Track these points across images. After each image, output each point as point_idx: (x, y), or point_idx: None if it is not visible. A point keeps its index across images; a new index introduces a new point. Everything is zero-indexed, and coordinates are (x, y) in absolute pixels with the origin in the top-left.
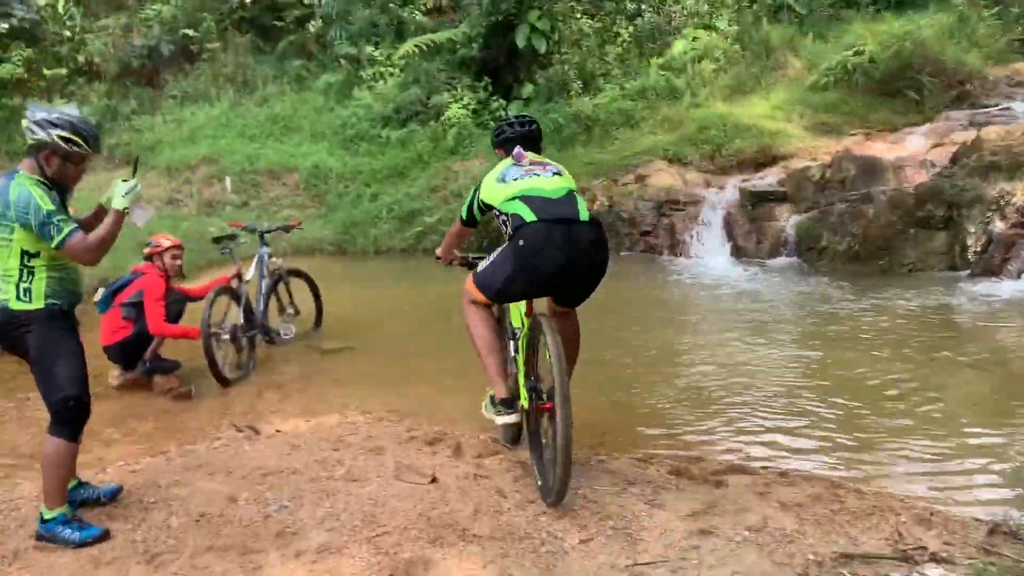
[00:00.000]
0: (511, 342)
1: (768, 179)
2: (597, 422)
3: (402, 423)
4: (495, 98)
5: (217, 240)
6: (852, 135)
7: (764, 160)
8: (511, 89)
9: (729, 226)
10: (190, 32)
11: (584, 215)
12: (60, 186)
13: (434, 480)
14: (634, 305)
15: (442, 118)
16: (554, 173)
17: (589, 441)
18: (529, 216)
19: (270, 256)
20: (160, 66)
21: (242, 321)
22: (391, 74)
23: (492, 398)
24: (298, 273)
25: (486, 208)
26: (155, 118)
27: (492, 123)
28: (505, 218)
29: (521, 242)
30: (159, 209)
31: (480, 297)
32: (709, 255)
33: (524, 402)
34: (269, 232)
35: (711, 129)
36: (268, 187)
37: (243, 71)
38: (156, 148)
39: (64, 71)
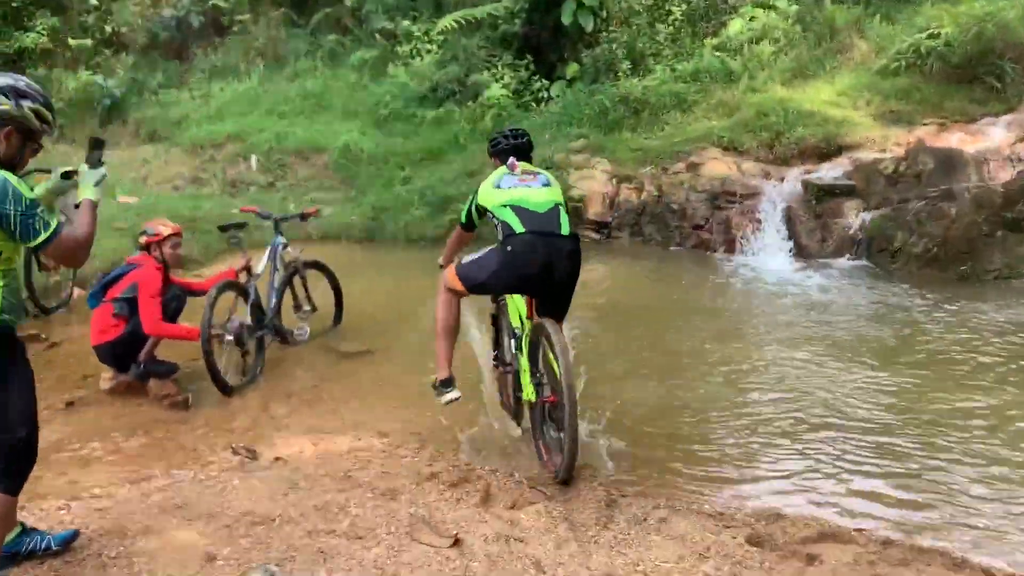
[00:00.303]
0: (511, 340)
1: (834, 171)
2: (653, 460)
3: (422, 453)
4: (537, 78)
5: (224, 229)
6: (925, 125)
7: (828, 150)
8: (554, 68)
9: (790, 222)
10: (220, 3)
11: (565, 229)
12: (8, 170)
13: (456, 543)
14: (686, 311)
15: (481, 98)
16: (543, 184)
17: (646, 486)
18: (519, 228)
19: (285, 246)
20: (189, 38)
21: (249, 320)
22: (428, 51)
23: (434, 381)
24: (316, 265)
25: (482, 211)
26: (182, 92)
27: (533, 104)
28: (497, 222)
29: (509, 248)
30: (181, 189)
31: (459, 287)
32: (768, 253)
33: (531, 397)
34: (285, 220)
35: (770, 115)
36: (296, 167)
37: (274, 45)
38: (182, 124)
39: (90, 41)
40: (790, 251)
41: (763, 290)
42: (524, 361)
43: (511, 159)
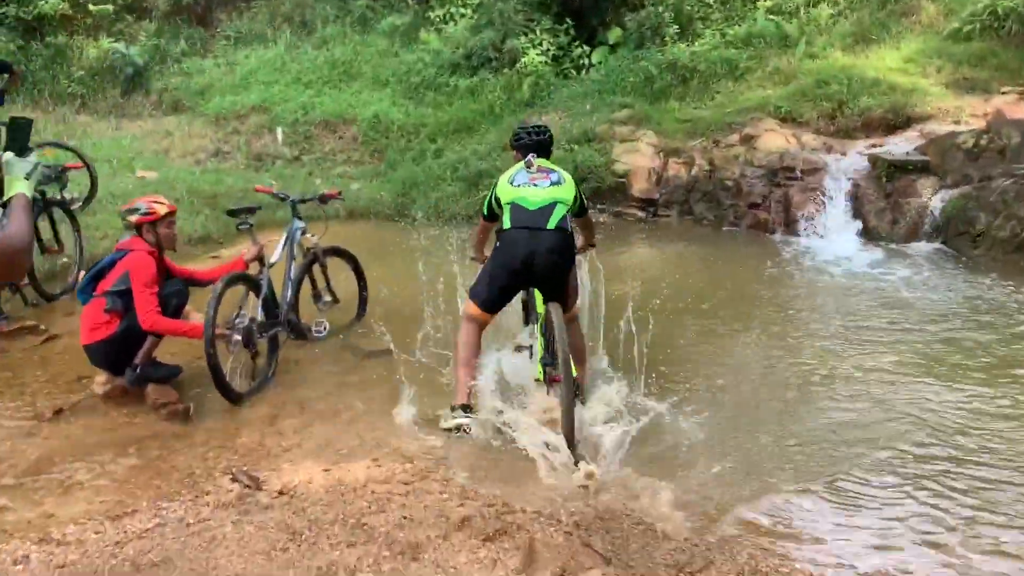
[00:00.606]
0: (535, 325)
1: (905, 145)
2: (726, 503)
3: (450, 487)
4: (578, 43)
5: (233, 213)
6: (1003, 94)
7: (896, 122)
8: (596, 33)
9: (857, 201)
10: None
11: (551, 224)
12: None
13: None
14: (746, 302)
15: (517, 65)
16: (552, 183)
17: (722, 538)
18: (507, 224)
19: (303, 232)
20: (213, 3)
21: (261, 316)
22: (462, 15)
23: (452, 407)
24: (338, 252)
25: (500, 203)
26: (206, 60)
27: (574, 71)
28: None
29: (498, 244)
30: (203, 162)
31: (473, 310)
32: (833, 235)
33: (539, 376)
34: (303, 202)
35: (831, 84)
36: (323, 140)
37: (302, 10)
38: (206, 93)
39: (111, 7)
40: (857, 233)
41: (832, 280)
42: (540, 343)
43: (530, 156)
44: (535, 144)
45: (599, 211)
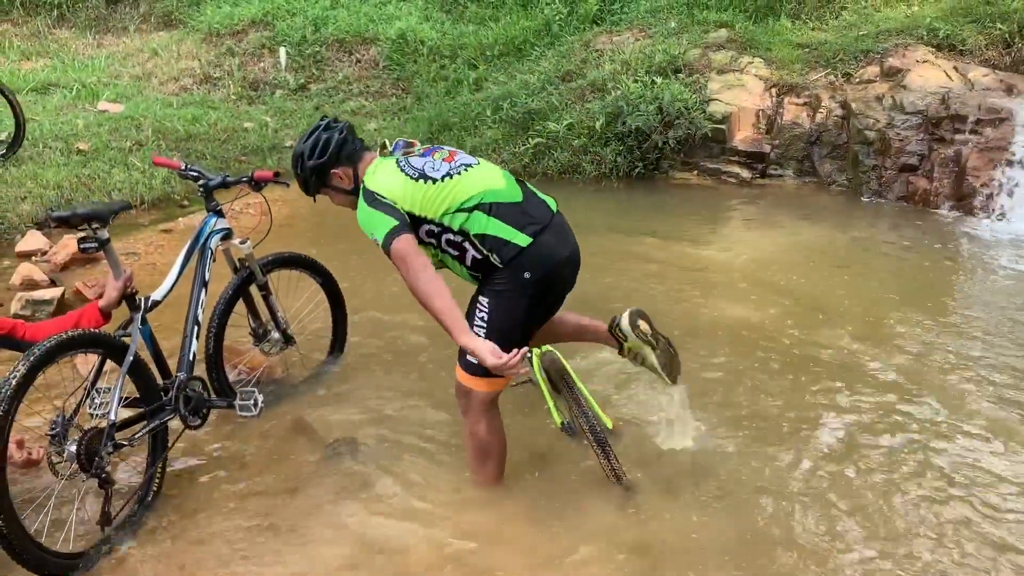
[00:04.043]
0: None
1: None
2: None
3: None
4: None
5: (64, 221)
6: None
7: None
8: None
9: None
10: None
11: (553, 205)
12: None
13: None
14: (906, 332)
15: None
16: (474, 158)
17: None
18: (520, 239)
19: (225, 235)
20: None
21: (116, 409)
22: None
23: None
24: (294, 262)
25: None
26: None
27: None
28: (464, 246)
29: (527, 275)
30: (188, 90)
31: (489, 386)
32: None
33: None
34: (224, 187)
35: None
36: (335, 65)
37: None
38: (200, 5)
39: None
40: None
41: None
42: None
43: (400, 140)
44: (352, 134)
45: (686, 167)
